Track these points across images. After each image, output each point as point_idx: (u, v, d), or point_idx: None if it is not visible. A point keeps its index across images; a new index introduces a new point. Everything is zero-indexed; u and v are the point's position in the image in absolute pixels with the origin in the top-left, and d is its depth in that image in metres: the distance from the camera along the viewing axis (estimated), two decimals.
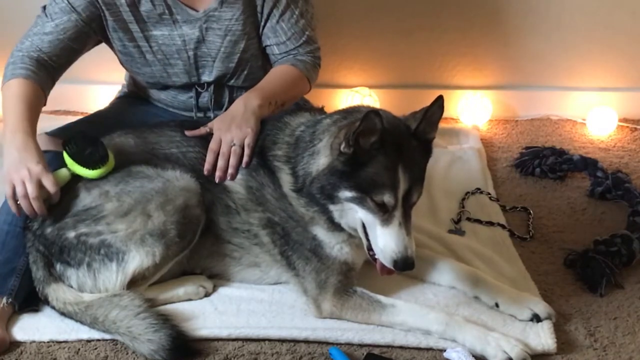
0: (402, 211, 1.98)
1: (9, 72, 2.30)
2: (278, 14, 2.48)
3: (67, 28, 2.36)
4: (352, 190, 2.01)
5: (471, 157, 3.17)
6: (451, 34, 3.48)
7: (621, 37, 3.48)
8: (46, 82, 2.33)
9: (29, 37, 2.37)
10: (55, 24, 2.35)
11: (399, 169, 1.97)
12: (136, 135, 2.34)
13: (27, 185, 2.05)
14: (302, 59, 2.53)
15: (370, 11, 3.44)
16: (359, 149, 1.97)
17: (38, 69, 2.30)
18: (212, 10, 2.44)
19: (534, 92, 3.61)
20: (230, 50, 2.49)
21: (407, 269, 1.99)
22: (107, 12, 2.40)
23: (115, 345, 2.04)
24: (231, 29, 2.46)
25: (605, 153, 3.26)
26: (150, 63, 2.52)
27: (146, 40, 2.47)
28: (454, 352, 1.97)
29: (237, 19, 2.45)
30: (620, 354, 2.05)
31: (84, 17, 2.37)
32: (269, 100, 2.37)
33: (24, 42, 2.37)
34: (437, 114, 2.04)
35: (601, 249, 2.41)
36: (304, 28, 2.52)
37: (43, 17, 2.38)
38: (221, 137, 2.26)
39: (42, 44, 2.34)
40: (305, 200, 2.14)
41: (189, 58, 2.51)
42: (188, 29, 2.46)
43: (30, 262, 2.16)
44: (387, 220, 1.98)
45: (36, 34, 2.36)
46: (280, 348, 2.04)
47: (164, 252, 2.12)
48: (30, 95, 2.24)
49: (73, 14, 2.36)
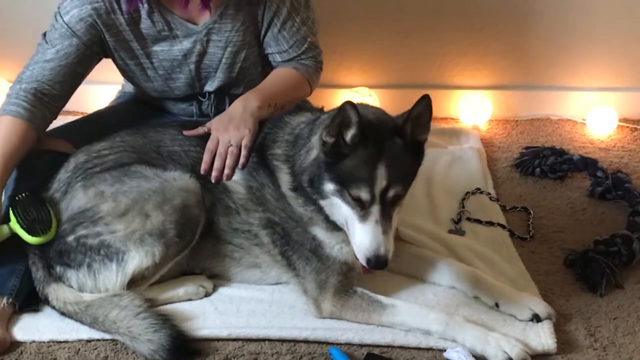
0: (379, 208, 1.95)
1: (2, 107, 2.28)
2: (279, 23, 2.47)
3: (69, 53, 2.34)
4: (333, 182, 2.00)
5: (471, 157, 3.16)
6: (451, 34, 3.48)
7: (621, 37, 3.48)
8: (41, 117, 2.29)
9: (30, 66, 2.34)
10: (56, 50, 2.33)
11: (378, 165, 1.95)
12: (141, 134, 2.34)
13: None
14: (304, 62, 2.54)
15: (370, 11, 3.44)
16: (341, 140, 1.97)
17: (33, 104, 2.27)
18: (211, 23, 2.43)
19: (534, 92, 3.61)
20: (231, 60, 2.49)
21: (379, 267, 1.95)
22: (106, 34, 2.38)
23: (115, 345, 2.04)
24: (232, 40, 2.46)
25: (605, 153, 3.26)
26: (153, 79, 2.52)
27: (147, 57, 2.47)
28: (454, 352, 1.97)
29: (238, 29, 2.45)
30: (620, 354, 2.05)
31: (84, 41, 2.35)
32: (269, 102, 2.36)
33: (25, 71, 2.34)
34: (424, 115, 2.00)
35: (601, 249, 2.41)
36: (305, 35, 2.52)
37: (44, 45, 2.36)
38: (219, 137, 2.26)
39: (43, 72, 2.32)
40: (303, 199, 2.14)
41: (190, 71, 2.51)
42: (188, 43, 2.45)
43: (30, 262, 2.17)
44: (364, 216, 1.96)
45: (37, 62, 2.34)
46: (281, 348, 2.04)
47: (163, 252, 2.12)
48: (13, 136, 2.22)
49: (74, 38, 2.34)
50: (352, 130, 1.95)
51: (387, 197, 1.96)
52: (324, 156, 2.01)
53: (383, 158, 1.95)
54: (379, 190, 1.94)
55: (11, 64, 3.51)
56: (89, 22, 2.34)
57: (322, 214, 2.12)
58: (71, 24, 2.33)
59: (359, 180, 1.95)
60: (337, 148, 1.98)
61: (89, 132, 2.41)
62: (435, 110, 3.74)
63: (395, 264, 2.33)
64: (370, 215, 1.95)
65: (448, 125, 3.52)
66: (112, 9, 2.35)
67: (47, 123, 2.36)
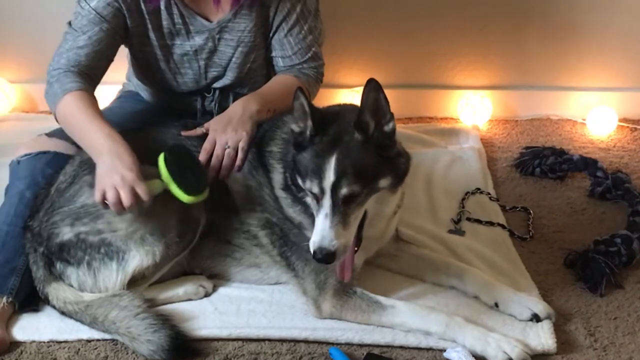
0: (331, 202, 1.92)
1: (58, 91, 2.23)
2: (287, 28, 2.49)
3: (101, 38, 2.34)
4: (298, 175, 2.01)
5: (471, 157, 3.16)
6: (451, 34, 3.48)
7: (621, 37, 3.48)
8: (93, 91, 2.31)
9: (63, 54, 2.32)
10: (87, 37, 2.33)
11: (329, 160, 1.93)
12: (144, 133, 2.35)
13: (121, 192, 1.99)
14: (306, 72, 2.55)
15: (370, 11, 3.44)
16: (303, 132, 1.99)
17: (83, 80, 2.27)
18: (225, 21, 2.45)
19: (534, 92, 3.61)
20: (242, 60, 2.51)
21: (324, 261, 1.92)
22: (129, 19, 2.40)
23: (115, 345, 2.04)
24: (243, 41, 2.47)
25: (605, 153, 3.26)
26: (162, 70, 2.54)
27: (161, 49, 2.48)
28: (454, 352, 1.97)
29: (250, 30, 2.46)
30: (620, 354, 2.05)
31: (114, 25, 2.36)
32: (268, 106, 2.37)
33: (59, 60, 2.32)
34: (378, 100, 1.93)
35: (601, 249, 2.41)
36: (310, 44, 2.53)
37: (73, 33, 2.35)
38: (216, 138, 2.26)
39: (80, 58, 2.31)
40: (291, 198, 2.15)
41: (199, 68, 2.52)
42: (200, 40, 2.46)
43: (30, 262, 2.17)
44: (318, 210, 1.95)
45: (70, 49, 2.33)
46: (281, 348, 2.04)
47: (164, 252, 2.12)
48: (93, 102, 2.23)
49: (104, 23, 2.34)
50: (308, 122, 1.97)
51: (339, 192, 1.91)
52: (293, 148, 2.03)
53: (336, 152, 1.93)
54: (329, 185, 1.92)
55: (11, 64, 3.52)
56: (115, 6, 2.35)
57: (308, 213, 2.11)
58: (98, 9, 2.34)
59: (310, 173, 1.95)
60: (300, 139, 2.00)
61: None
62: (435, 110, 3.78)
63: (395, 264, 2.33)
64: (321, 209, 1.94)
65: (448, 125, 3.52)
66: None
67: None
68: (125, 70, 2.81)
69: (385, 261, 2.34)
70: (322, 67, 2.61)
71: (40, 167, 2.30)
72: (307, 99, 1.95)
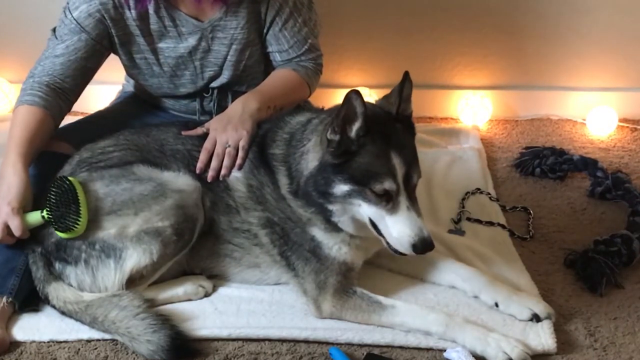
0: (406, 195, 1.97)
1: (18, 100, 2.32)
2: (281, 22, 2.48)
3: (79, 48, 2.36)
4: (347, 183, 2.00)
5: (471, 157, 3.16)
6: (451, 34, 3.48)
7: (621, 37, 3.48)
8: (57, 107, 2.32)
9: (41, 61, 2.37)
10: (65, 46, 2.35)
11: (391, 155, 1.97)
12: (145, 133, 2.35)
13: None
14: (304, 64, 2.54)
15: (370, 11, 3.44)
16: (346, 137, 1.97)
17: (47, 94, 2.30)
18: (216, 20, 2.44)
19: (534, 92, 3.61)
20: (237, 58, 2.50)
21: (427, 249, 1.98)
22: (114, 29, 2.40)
23: (115, 345, 2.04)
24: (237, 38, 2.47)
25: (605, 153, 3.26)
26: (158, 75, 2.53)
27: (153, 53, 2.48)
28: (454, 352, 1.97)
29: (242, 27, 2.45)
30: (620, 354, 2.04)
31: (93, 36, 2.37)
32: (268, 104, 2.37)
33: (37, 67, 2.37)
34: (408, 90, 2.05)
35: (601, 249, 2.41)
36: (306, 36, 2.53)
37: (53, 40, 2.38)
38: (216, 137, 2.27)
39: (54, 67, 2.34)
40: (302, 201, 2.14)
41: (195, 68, 2.52)
42: (193, 40, 2.46)
43: (30, 262, 2.17)
44: (394, 208, 1.97)
45: (47, 57, 2.36)
46: (281, 348, 2.04)
47: (161, 251, 2.12)
48: (33, 123, 2.25)
49: (83, 33, 2.36)
50: (358, 123, 1.95)
51: (410, 182, 1.99)
52: (331, 158, 2.01)
53: (393, 146, 1.97)
54: (402, 178, 1.96)
55: (11, 64, 3.53)
56: (97, 17, 2.35)
57: (323, 215, 2.11)
58: (80, 19, 2.35)
59: (379, 175, 1.96)
60: (344, 146, 1.98)
61: (88, 133, 2.41)
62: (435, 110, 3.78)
63: (395, 264, 2.33)
64: (400, 204, 1.97)
65: (448, 125, 3.52)
66: (120, 4, 2.36)
67: (63, 114, 2.37)
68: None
69: (385, 261, 2.33)
70: (321, 58, 2.60)
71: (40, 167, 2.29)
72: (362, 99, 1.93)
